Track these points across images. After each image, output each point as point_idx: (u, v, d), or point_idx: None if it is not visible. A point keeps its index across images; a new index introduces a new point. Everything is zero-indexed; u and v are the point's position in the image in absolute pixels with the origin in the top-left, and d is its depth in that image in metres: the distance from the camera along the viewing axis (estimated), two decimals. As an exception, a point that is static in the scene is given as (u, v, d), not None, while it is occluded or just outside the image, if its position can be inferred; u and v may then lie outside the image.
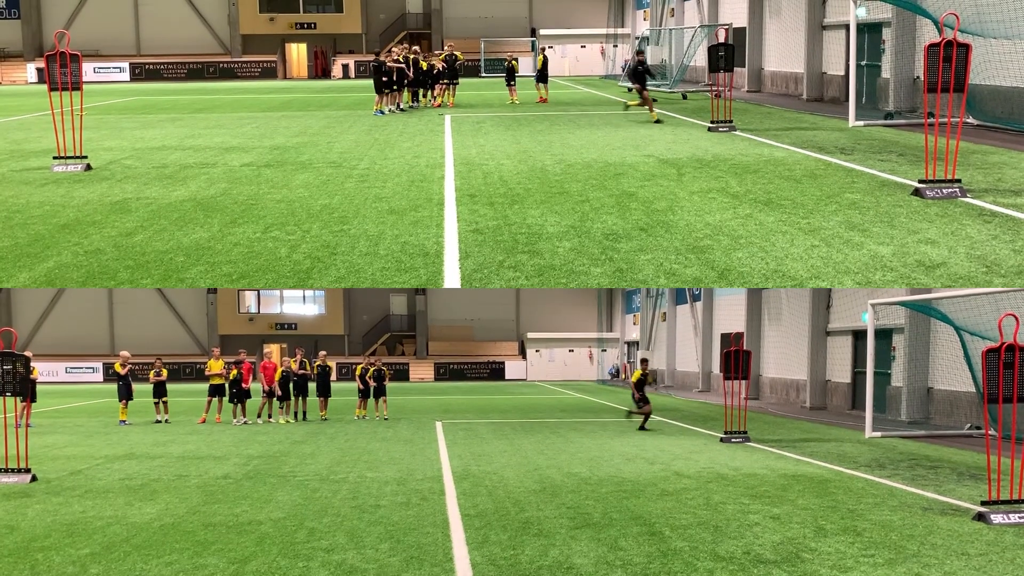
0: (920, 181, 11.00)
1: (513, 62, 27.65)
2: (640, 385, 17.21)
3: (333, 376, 21.41)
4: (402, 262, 8.37)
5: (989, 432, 8.88)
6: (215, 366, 18.87)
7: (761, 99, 27.90)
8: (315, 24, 54.16)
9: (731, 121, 18.14)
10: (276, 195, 11.61)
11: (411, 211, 10.49)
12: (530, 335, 46.79)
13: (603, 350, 46.04)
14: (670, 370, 36.11)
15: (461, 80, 26.76)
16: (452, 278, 7.95)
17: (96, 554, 6.87)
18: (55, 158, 13.75)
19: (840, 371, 22.34)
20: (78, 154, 13.72)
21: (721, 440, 14.66)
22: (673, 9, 41.41)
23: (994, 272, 7.80)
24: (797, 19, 28.59)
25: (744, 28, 31.99)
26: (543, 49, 30.28)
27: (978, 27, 15.83)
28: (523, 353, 47.36)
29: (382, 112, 22.80)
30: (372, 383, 19.83)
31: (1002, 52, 16.72)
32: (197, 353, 44.65)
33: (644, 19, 47.65)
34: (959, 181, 10.88)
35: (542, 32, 53.56)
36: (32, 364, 11.03)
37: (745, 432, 14.82)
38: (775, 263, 8.18)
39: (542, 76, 27.53)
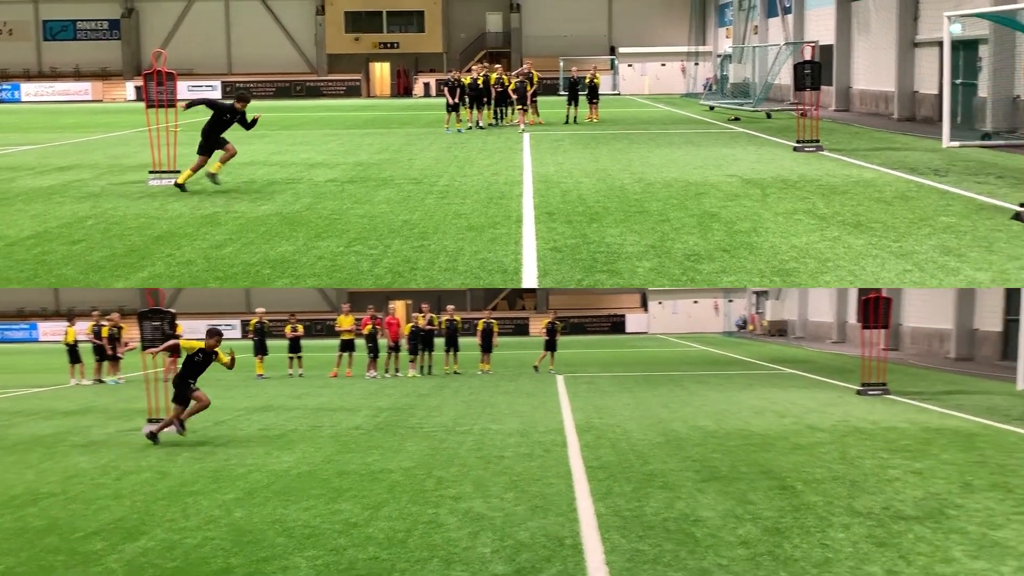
0: (1022, 204, 10.49)
1: (596, 79, 27.55)
2: None
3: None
4: (481, 278, 8.40)
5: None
6: (345, 322, 19.69)
7: (849, 118, 27.16)
8: (398, 43, 55.29)
9: (818, 141, 17.69)
10: (359, 210, 11.81)
11: (490, 228, 10.52)
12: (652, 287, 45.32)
13: (729, 300, 44.04)
14: (801, 321, 35.09)
15: (539, 99, 26.79)
16: (531, 296, 7.92)
17: (239, 499, 7.30)
18: (151, 172, 14.31)
19: (990, 319, 20.95)
20: (172, 168, 14.26)
21: (858, 393, 13.99)
22: (757, 26, 40.80)
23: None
24: (887, 36, 27.77)
25: (831, 45, 31.26)
26: (579, 71, 29.85)
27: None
28: (645, 306, 46.35)
29: (459, 131, 23.03)
30: (478, 340, 20.12)
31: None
32: (327, 310, 45.76)
33: (726, 36, 47.05)
34: (1065, 205, 10.33)
35: (622, 50, 53.44)
36: (176, 321, 11.65)
37: (884, 384, 14.10)
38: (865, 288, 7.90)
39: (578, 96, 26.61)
